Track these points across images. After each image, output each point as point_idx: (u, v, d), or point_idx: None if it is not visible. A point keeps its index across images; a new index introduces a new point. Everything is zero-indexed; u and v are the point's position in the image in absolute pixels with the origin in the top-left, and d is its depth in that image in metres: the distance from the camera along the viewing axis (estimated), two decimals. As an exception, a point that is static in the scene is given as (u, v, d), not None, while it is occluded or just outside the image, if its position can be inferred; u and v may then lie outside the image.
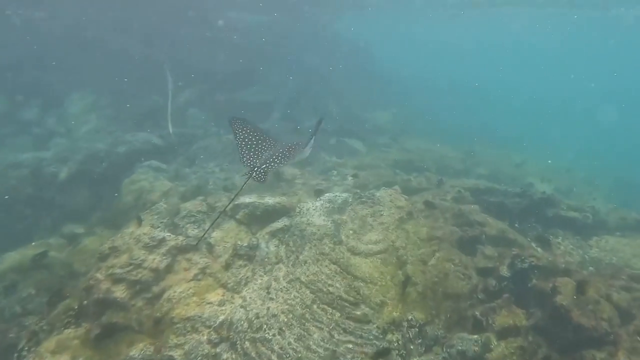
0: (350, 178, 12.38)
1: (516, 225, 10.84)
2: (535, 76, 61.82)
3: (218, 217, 8.36)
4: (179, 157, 14.65)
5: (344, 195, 9.52)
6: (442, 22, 47.12)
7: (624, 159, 26.99)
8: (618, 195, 20.05)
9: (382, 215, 9.12)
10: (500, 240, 9.73)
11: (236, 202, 9.48)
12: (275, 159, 6.32)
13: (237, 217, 9.43)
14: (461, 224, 10.00)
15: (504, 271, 8.64)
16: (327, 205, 9.09)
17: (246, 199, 9.46)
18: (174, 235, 8.51)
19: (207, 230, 8.54)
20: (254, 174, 6.12)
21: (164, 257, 7.97)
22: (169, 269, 7.95)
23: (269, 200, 9.90)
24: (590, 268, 9.94)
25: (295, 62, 23.84)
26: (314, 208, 8.88)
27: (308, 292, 7.29)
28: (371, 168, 14.82)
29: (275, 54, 24.04)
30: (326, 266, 7.70)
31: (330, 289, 7.37)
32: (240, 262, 7.80)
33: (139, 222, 8.97)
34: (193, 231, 8.95)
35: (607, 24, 35.95)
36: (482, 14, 36.96)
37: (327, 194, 9.53)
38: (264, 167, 6.21)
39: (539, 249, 10.29)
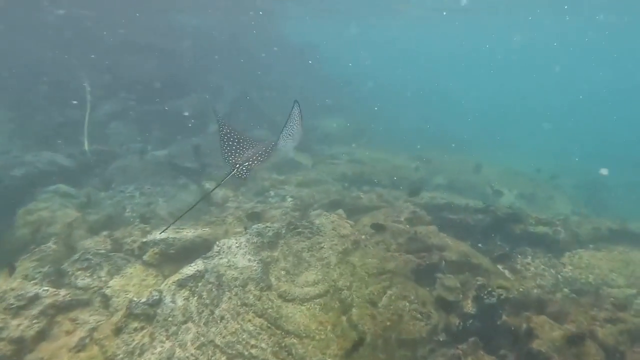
0: (289, 199, 10.89)
1: (480, 245, 9.68)
2: (492, 79, 62.80)
3: (183, 215, 6.55)
4: (93, 179, 12.69)
5: (276, 225, 8.00)
6: (401, 26, 46.91)
7: (585, 159, 27.01)
8: (581, 196, 19.65)
9: (322, 248, 7.66)
10: (463, 265, 8.49)
11: (144, 240, 7.79)
12: (258, 157, 6.43)
13: (145, 258, 7.73)
14: (417, 250, 8.71)
15: (469, 307, 7.38)
16: (255, 240, 7.54)
17: (157, 235, 7.78)
18: (53, 290, 6.71)
19: (166, 228, 6.69)
20: (236, 171, 6.21)
21: (34, 321, 6.17)
22: (41, 336, 6.16)
23: (188, 233, 8.26)
24: (565, 290, 8.92)
25: (238, 68, 22.23)
26: (237, 245, 7.31)
27: (224, 359, 5.72)
28: (317, 184, 13.39)
29: (215, 60, 22.33)
30: (249, 321, 6.15)
31: (254, 351, 5.84)
32: (136, 325, 6.10)
33: (11, 271, 7.10)
34: (84, 280, 7.18)
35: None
36: (441, 19, 36.79)
37: (255, 226, 7.97)
38: (247, 165, 6.30)
39: (506, 272, 9.17)
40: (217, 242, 7.40)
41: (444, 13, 31.52)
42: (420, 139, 25.36)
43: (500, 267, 9.14)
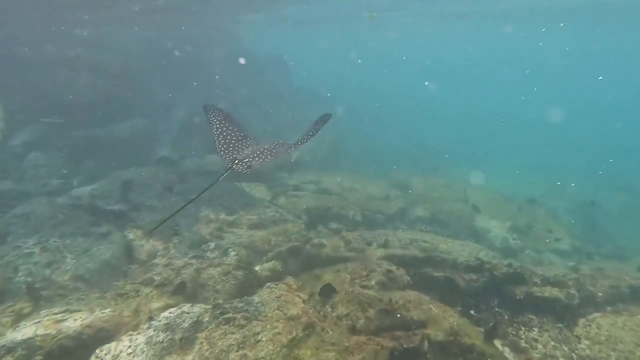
0: (232, 254, 8.78)
1: (472, 312, 7.77)
2: (476, 87, 61.96)
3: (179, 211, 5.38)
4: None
5: (196, 310, 5.93)
6: (374, 32, 45.67)
7: (576, 175, 25.61)
8: (578, 222, 18.08)
9: (259, 342, 5.61)
10: (452, 348, 6.55)
11: (1, 342, 5.61)
12: (260, 154, 6.03)
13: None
14: (392, 327, 6.74)
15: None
16: (161, 336, 5.45)
17: (19, 334, 5.61)
18: None
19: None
20: (236, 165, 5.82)
21: None
22: None
23: (76, 321, 6.10)
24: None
25: (192, 85, 20.15)
26: (130, 350, 5.19)
27: None
28: (274, 224, 11.38)
29: (164, 77, 20.22)
30: None
31: None
32: None
33: None
34: None
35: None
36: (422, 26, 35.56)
37: (164, 313, 5.88)
38: (247, 161, 5.91)
39: (507, 352, 7.24)
40: (98, 350, 5.25)
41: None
42: (399, 158, 23.68)
43: (499, 343, 7.22)
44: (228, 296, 7.52)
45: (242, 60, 22.17)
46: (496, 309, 7.71)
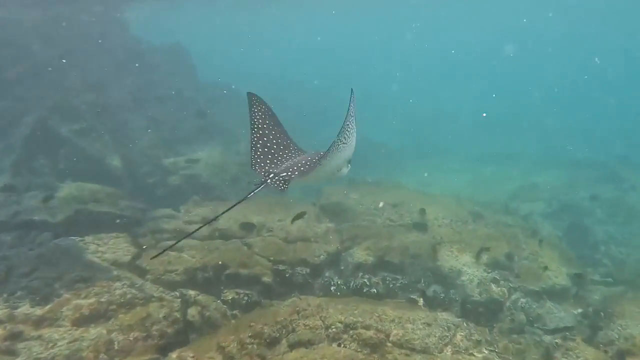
0: None
1: None
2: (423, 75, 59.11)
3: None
4: None
5: None
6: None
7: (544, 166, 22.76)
8: (563, 232, 14.93)
9: None
10: None
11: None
12: (301, 167, 5.15)
13: None
14: None
15: None
16: None
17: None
18: None
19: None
20: (271, 180, 5.04)
21: None
22: None
23: None
24: None
25: (50, 81, 15.29)
26: None
27: None
28: (126, 307, 7.15)
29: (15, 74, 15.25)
30: None
31: None
32: None
33: None
34: None
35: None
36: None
37: None
38: (284, 176, 5.08)
39: None
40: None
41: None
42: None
43: None
44: None
45: (124, 54, 17.47)
46: None
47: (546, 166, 24.13)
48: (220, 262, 8.73)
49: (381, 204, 12.49)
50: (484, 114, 34.95)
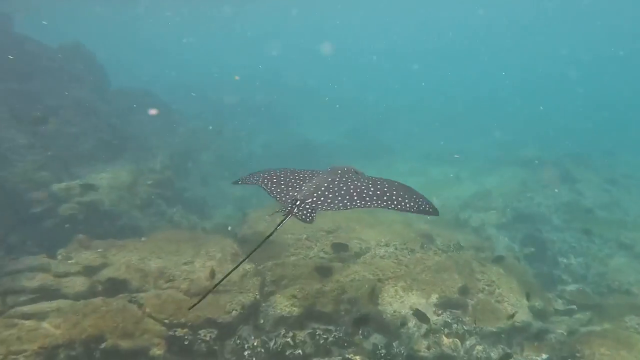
0: None
1: None
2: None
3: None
4: None
5: None
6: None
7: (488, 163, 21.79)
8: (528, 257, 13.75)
9: None
10: None
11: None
12: (329, 193, 4.55)
13: None
14: None
15: None
16: None
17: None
18: None
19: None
20: (297, 210, 4.34)
21: None
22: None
23: None
24: None
25: None
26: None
27: None
28: None
29: None
30: None
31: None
32: None
33: None
34: None
35: None
36: None
37: None
38: (310, 202, 4.43)
39: None
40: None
41: None
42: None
43: None
44: None
45: (10, 56, 14.84)
46: None
47: (497, 165, 23.37)
48: (95, 333, 6.73)
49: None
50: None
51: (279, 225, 4.15)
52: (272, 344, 7.41)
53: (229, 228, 12.25)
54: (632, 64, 55.72)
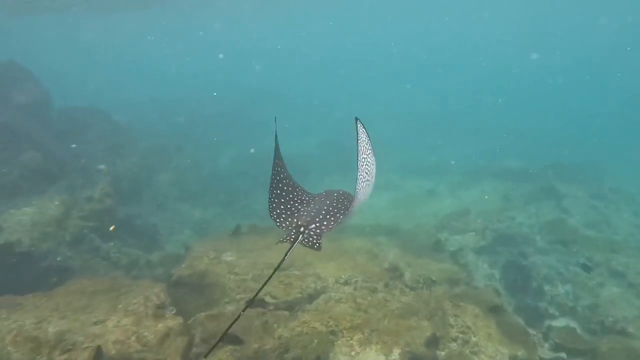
0: None
1: None
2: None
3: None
4: None
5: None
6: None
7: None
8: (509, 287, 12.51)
9: None
10: None
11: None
12: (330, 216, 4.54)
13: None
14: None
15: None
16: None
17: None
18: None
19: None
20: (303, 237, 4.27)
21: None
22: None
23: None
24: None
25: None
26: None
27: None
28: None
29: None
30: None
31: None
32: None
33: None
34: None
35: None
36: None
37: None
38: (313, 228, 4.38)
39: None
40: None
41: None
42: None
43: None
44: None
45: None
46: None
47: (478, 178, 22.21)
48: None
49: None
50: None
51: (288, 252, 4.07)
52: None
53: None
54: (620, 72, 55.35)
